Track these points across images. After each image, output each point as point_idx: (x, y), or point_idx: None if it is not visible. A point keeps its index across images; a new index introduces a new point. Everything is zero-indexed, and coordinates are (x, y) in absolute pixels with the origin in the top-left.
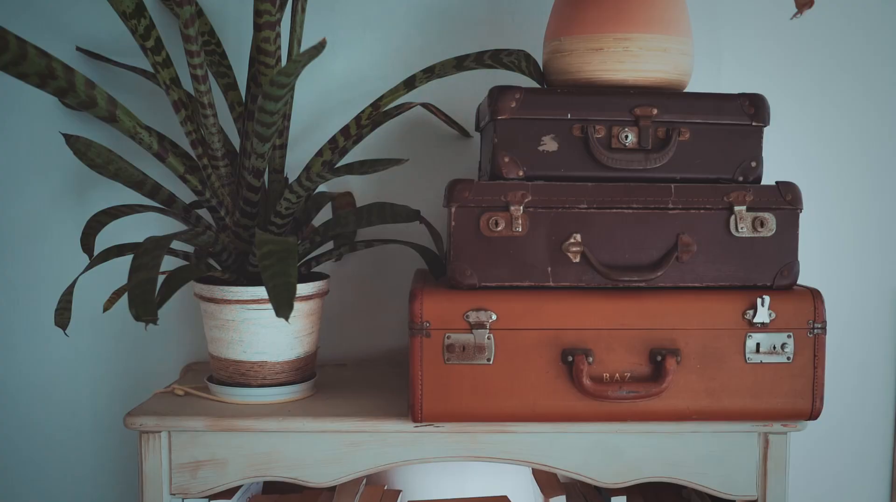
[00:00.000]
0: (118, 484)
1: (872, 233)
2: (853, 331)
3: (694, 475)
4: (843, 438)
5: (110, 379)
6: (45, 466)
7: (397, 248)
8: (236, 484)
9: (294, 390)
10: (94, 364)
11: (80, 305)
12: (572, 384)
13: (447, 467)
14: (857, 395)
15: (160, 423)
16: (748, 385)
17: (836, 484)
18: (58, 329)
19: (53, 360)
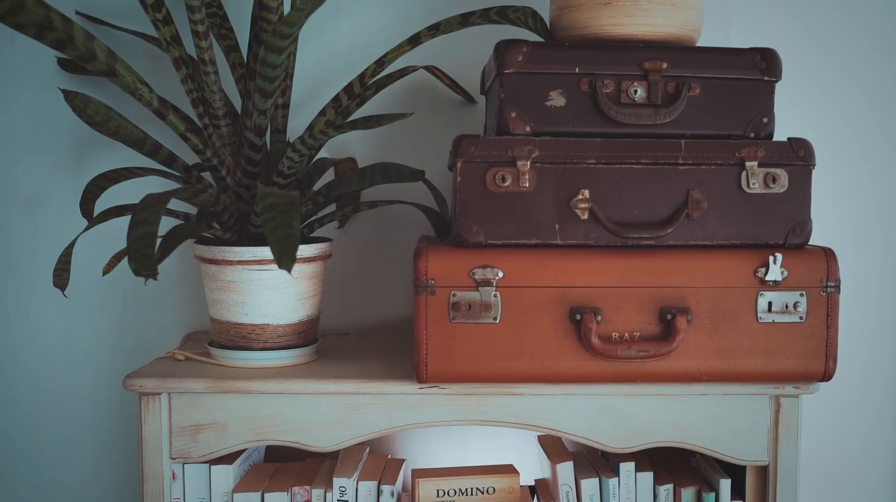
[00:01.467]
0: (117, 451)
1: (887, 193)
2: (866, 293)
3: (703, 439)
4: (855, 402)
5: (110, 348)
6: (43, 432)
7: (401, 215)
8: (238, 448)
9: (296, 354)
10: (93, 333)
11: (79, 274)
12: (580, 344)
13: (451, 436)
14: (869, 358)
15: (160, 385)
16: (760, 345)
17: (849, 450)
18: (57, 298)
19: (53, 330)
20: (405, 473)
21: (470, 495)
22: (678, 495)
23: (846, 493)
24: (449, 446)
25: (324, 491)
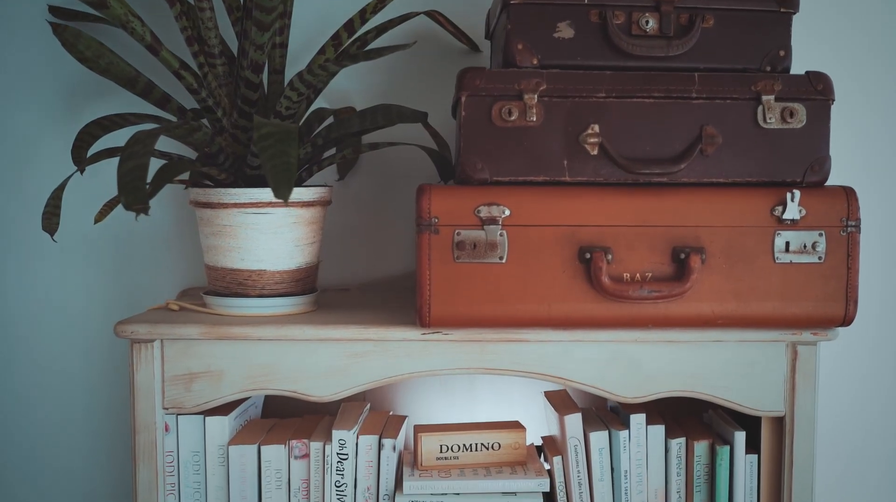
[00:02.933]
0: (110, 406)
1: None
2: (887, 235)
3: (717, 389)
4: (875, 349)
5: (103, 303)
6: (35, 387)
7: (403, 168)
8: (233, 397)
9: (294, 302)
10: (86, 288)
11: (72, 228)
12: (590, 285)
13: (455, 393)
14: (890, 303)
15: (152, 331)
16: (777, 287)
17: (868, 401)
18: (50, 252)
19: (45, 285)
20: (407, 429)
21: (474, 451)
22: (691, 449)
23: (865, 446)
24: (453, 404)
25: (322, 444)
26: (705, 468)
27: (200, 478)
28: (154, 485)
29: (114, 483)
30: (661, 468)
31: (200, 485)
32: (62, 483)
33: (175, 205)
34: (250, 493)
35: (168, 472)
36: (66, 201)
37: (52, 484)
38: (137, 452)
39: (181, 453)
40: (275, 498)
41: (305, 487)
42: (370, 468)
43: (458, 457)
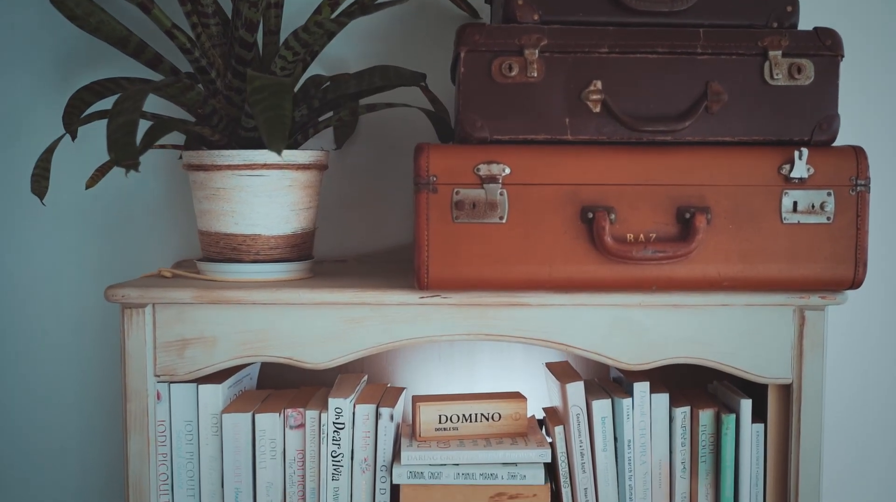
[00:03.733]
0: (101, 373)
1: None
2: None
3: (723, 355)
4: (884, 312)
5: (95, 272)
6: (25, 355)
7: (401, 136)
8: (227, 364)
9: (289, 268)
10: (78, 258)
11: (65, 197)
12: (593, 245)
13: (455, 365)
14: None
15: (144, 295)
16: (785, 248)
17: (877, 367)
18: (42, 223)
19: (37, 255)
20: (405, 401)
21: (474, 421)
22: (695, 418)
23: (873, 414)
24: (452, 377)
25: (318, 412)
26: (710, 438)
27: (193, 448)
28: (146, 455)
29: (106, 453)
30: (666, 437)
31: (193, 456)
32: (54, 452)
33: (169, 176)
34: (244, 463)
35: (160, 442)
36: (58, 170)
37: (43, 452)
38: (129, 421)
39: (173, 422)
40: (269, 468)
41: (301, 458)
42: (367, 438)
43: (457, 428)
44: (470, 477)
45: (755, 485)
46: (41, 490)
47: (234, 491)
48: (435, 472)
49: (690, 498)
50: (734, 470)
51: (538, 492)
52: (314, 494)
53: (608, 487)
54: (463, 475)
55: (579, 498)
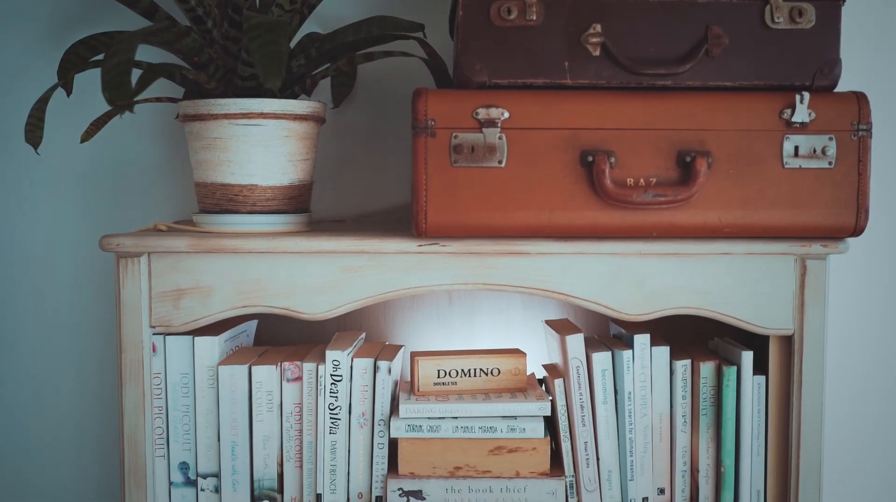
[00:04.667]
0: (96, 327)
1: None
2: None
3: (724, 306)
4: (885, 259)
5: (89, 234)
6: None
7: (398, 98)
8: (223, 315)
9: (286, 220)
10: (73, 219)
11: (60, 160)
12: (592, 190)
13: (453, 326)
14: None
15: (139, 244)
16: (786, 193)
17: (877, 317)
18: (38, 184)
19: (31, 222)
20: (403, 357)
21: (473, 376)
22: (696, 370)
23: (876, 366)
24: (451, 338)
25: (316, 365)
26: (711, 390)
27: (189, 401)
28: (140, 406)
29: (102, 407)
30: (666, 390)
31: (189, 409)
32: (49, 406)
33: (166, 137)
34: (241, 416)
35: (156, 395)
36: (55, 131)
37: (38, 405)
38: (124, 372)
39: (169, 375)
40: (266, 420)
41: (298, 411)
42: (365, 392)
43: (455, 383)
44: (469, 431)
45: (757, 438)
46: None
47: (230, 444)
48: (433, 425)
49: (691, 451)
50: (735, 423)
51: (538, 446)
52: (311, 448)
53: (608, 440)
54: (462, 428)
55: (579, 452)
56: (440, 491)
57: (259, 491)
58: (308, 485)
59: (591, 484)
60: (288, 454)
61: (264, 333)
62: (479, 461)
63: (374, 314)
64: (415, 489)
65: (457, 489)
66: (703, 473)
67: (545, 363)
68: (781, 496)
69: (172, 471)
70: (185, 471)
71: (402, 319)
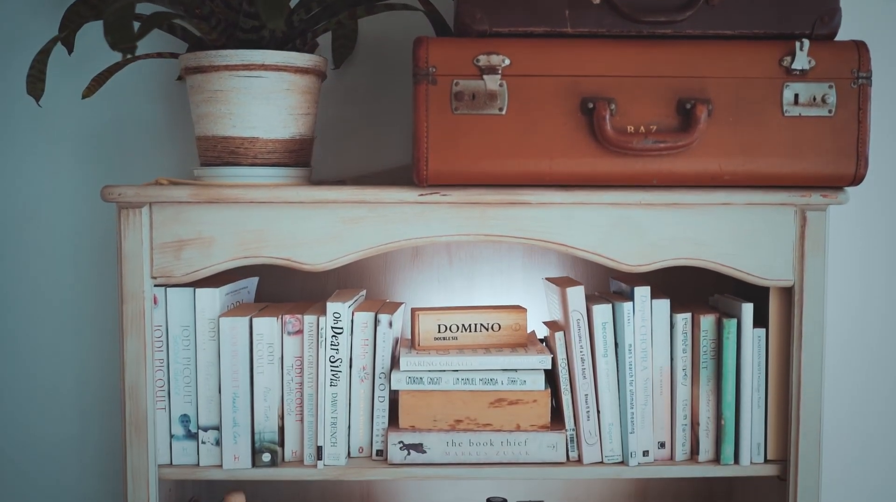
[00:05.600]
0: (98, 281)
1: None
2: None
3: (724, 256)
4: (886, 209)
5: (92, 197)
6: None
7: (399, 59)
8: (224, 266)
9: (287, 173)
10: (74, 182)
11: (60, 123)
12: (593, 137)
13: (454, 289)
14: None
15: (140, 194)
16: (786, 142)
17: (876, 267)
18: (39, 145)
19: (33, 180)
20: (404, 314)
21: (473, 331)
22: (697, 323)
23: (875, 317)
24: (452, 298)
25: (316, 317)
26: (712, 344)
27: (190, 354)
28: (142, 357)
29: (102, 361)
30: (667, 344)
31: (190, 361)
32: (46, 358)
33: (167, 98)
34: (242, 368)
35: (157, 347)
36: (56, 86)
37: (35, 357)
38: (125, 323)
39: (170, 327)
40: (267, 373)
41: (299, 365)
42: (366, 346)
43: (456, 338)
44: (469, 383)
45: (757, 390)
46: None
47: (231, 396)
48: (434, 378)
49: (692, 404)
50: (735, 376)
51: (538, 398)
52: (312, 401)
53: (609, 393)
54: (463, 380)
55: (580, 405)
56: (441, 444)
57: (260, 443)
58: (309, 438)
59: (591, 437)
60: (289, 407)
61: (265, 292)
62: (480, 414)
63: (374, 274)
64: (415, 442)
65: (457, 442)
66: (703, 426)
67: (546, 320)
68: (781, 448)
69: (173, 424)
70: (185, 424)
71: (403, 279)
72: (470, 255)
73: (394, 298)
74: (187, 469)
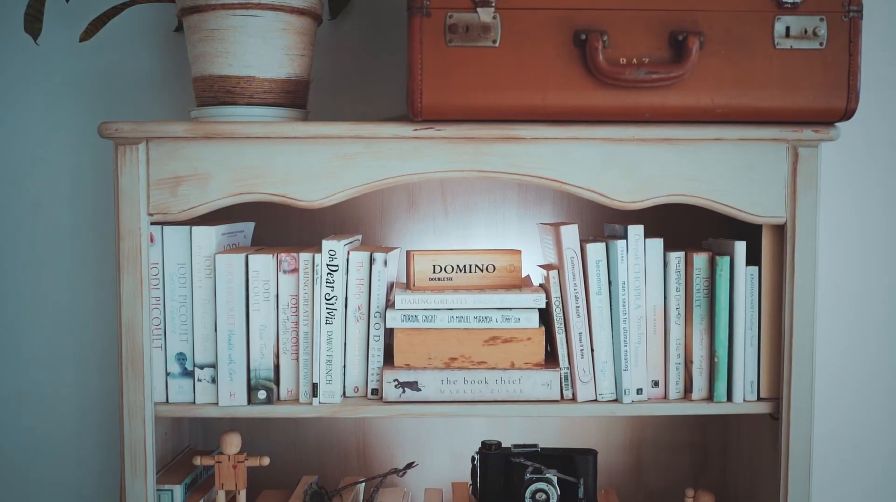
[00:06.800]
0: (95, 211)
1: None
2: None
3: (717, 193)
4: (877, 152)
5: (87, 140)
6: (18, 215)
7: (395, 8)
8: (221, 203)
9: (283, 113)
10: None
11: (53, 63)
12: (586, 70)
13: (449, 236)
14: (891, 97)
15: (137, 128)
16: (777, 74)
17: (868, 200)
18: (34, 91)
19: (30, 125)
20: (400, 258)
21: (468, 272)
22: (690, 262)
23: (867, 255)
24: (448, 239)
25: (312, 255)
26: (705, 282)
27: (186, 292)
28: (138, 294)
29: (97, 301)
30: (660, 282)
31: (186, 299)
32: (46, 295)
33: (166, 48)
34: (238, 306)
35: (153, 285)
36: (53, 31)
37: (35, 296)
38: (121, 260)
39: (166, 265)
40: (263, 310)
41: (294, 303)
42: (361, 285)
43: (451, 279)
44: (464, 321)
45: (750, 329)
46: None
47: (227, 333)
48: (429, 315)
49: (685, 342)
50: (729, 314)
51: (532, 336)
52: (308, 338)
53: (603, 331)
54: (457, 318)
55: (574, 343)
56: (435, 382)
57: (255, 380)
58: (304, 376)
59: (585, 375)
60: (284, 346)
61: (261, 238)
62: (475, 351)
63: (370, 223)
64: (410, 380)
65: (452, 380)
66: (696, 364)
67: (540, 264)
68: (774, 385)
69: (169, 362)
70: (182, 362)
71: (399, 230)
72: (465, 206)
73: (389, 236)
74: (183, 407)
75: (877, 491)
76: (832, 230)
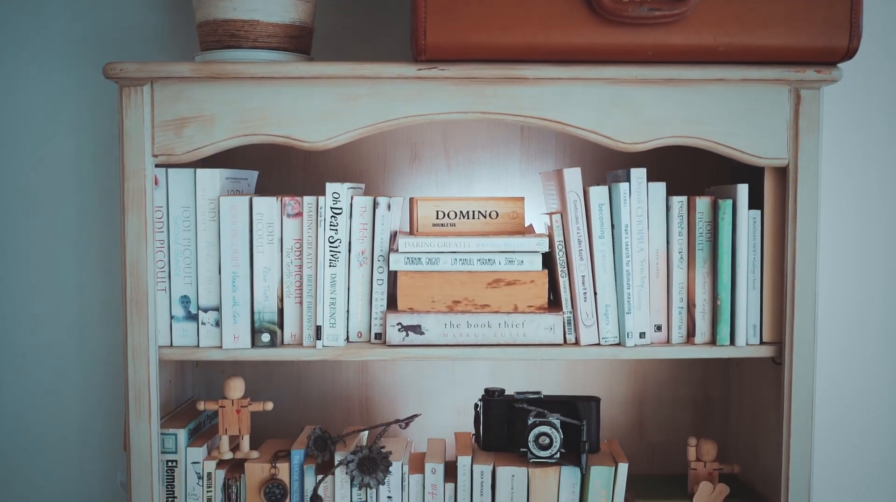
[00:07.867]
0: (98, 151)
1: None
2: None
3: (719, 135)
4: (878, 91)
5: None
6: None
7: None
8: (225, 144)
9: (287, 57)
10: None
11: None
12: (589, 8)
13: (452, 191)
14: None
15: (142, 69)
16: (779, 11)
17: (871, 142)
18: (37, 59)
19: (31, 94)
20: (403, 206)
21: (471, 218)
22: (692, 206)
23: (871, 198)
24: (448, 189)
25: (316, 198)
26: (707, 226)
27: (190, 235)
28: (143, 235)
29: (103, 241)
30: (663, 226)
31: (190, 242)
32: (48, 240)
33: (170, 9)
34: (241, 248)
35: (157, 228)
36: None
37: (39, 238)
38: (126, 201)
39: (171, 208)
40: (267, 252)
41: (298, 247)
42: (364, 230)
43: (454, 225)
44: (467, 263)
45: (752, 271)
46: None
47: (231, 275)
48: (433, 258)
49: (688, 286)
50: (731, 257)
51: (535, 278)
52: (311, 281)
53: (605, 274)
54: (461, 261)
55: (577, 286)
56: (439, 325)
57: (259, 323)
58: (308, 319)
59: (588, 318)
60: (288, 290)
61: (264, 186)
62: (478, 294)
63: (373, 177)
64: (414, 324)
65: (455, 324)
66: (699, 308)
67: (543, 212)
68: (777, 328)
69: (173, 305)
70: (186, 305)
71: (402, 184)
72: (468, 159)
73: (393, 189)
74: (187, 349)
75: (876, 439)
76: (834, 175)
